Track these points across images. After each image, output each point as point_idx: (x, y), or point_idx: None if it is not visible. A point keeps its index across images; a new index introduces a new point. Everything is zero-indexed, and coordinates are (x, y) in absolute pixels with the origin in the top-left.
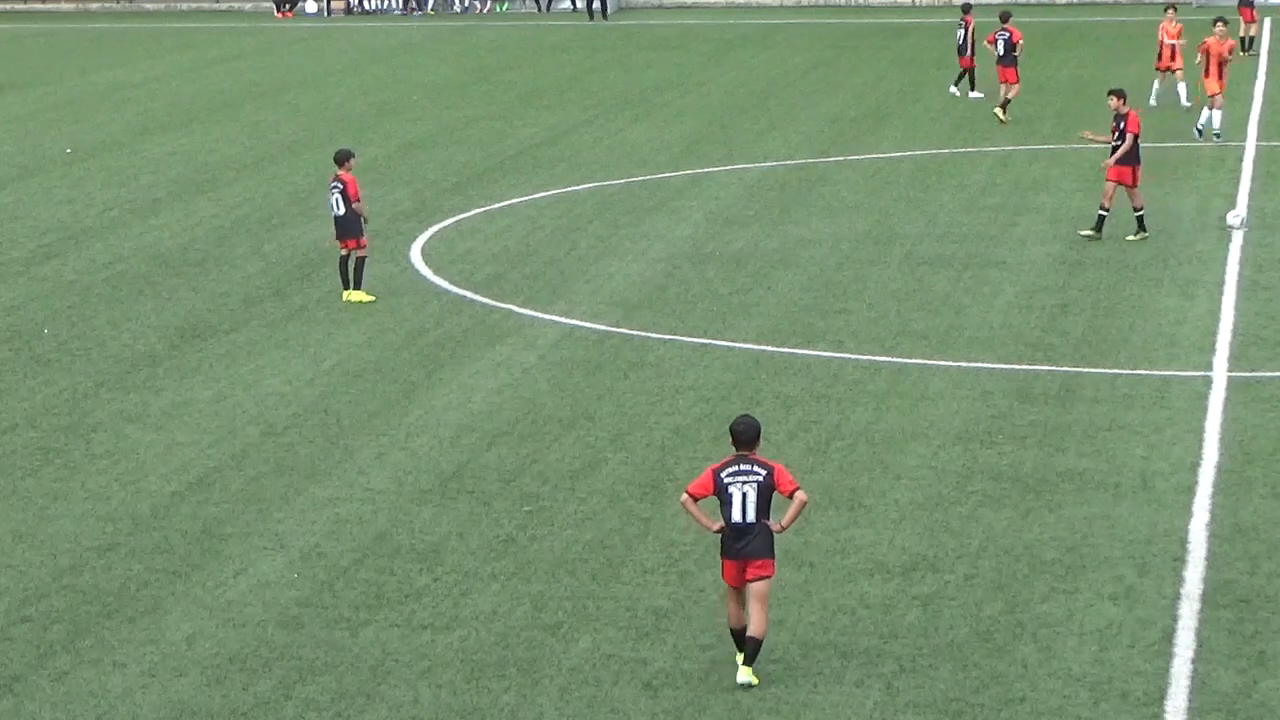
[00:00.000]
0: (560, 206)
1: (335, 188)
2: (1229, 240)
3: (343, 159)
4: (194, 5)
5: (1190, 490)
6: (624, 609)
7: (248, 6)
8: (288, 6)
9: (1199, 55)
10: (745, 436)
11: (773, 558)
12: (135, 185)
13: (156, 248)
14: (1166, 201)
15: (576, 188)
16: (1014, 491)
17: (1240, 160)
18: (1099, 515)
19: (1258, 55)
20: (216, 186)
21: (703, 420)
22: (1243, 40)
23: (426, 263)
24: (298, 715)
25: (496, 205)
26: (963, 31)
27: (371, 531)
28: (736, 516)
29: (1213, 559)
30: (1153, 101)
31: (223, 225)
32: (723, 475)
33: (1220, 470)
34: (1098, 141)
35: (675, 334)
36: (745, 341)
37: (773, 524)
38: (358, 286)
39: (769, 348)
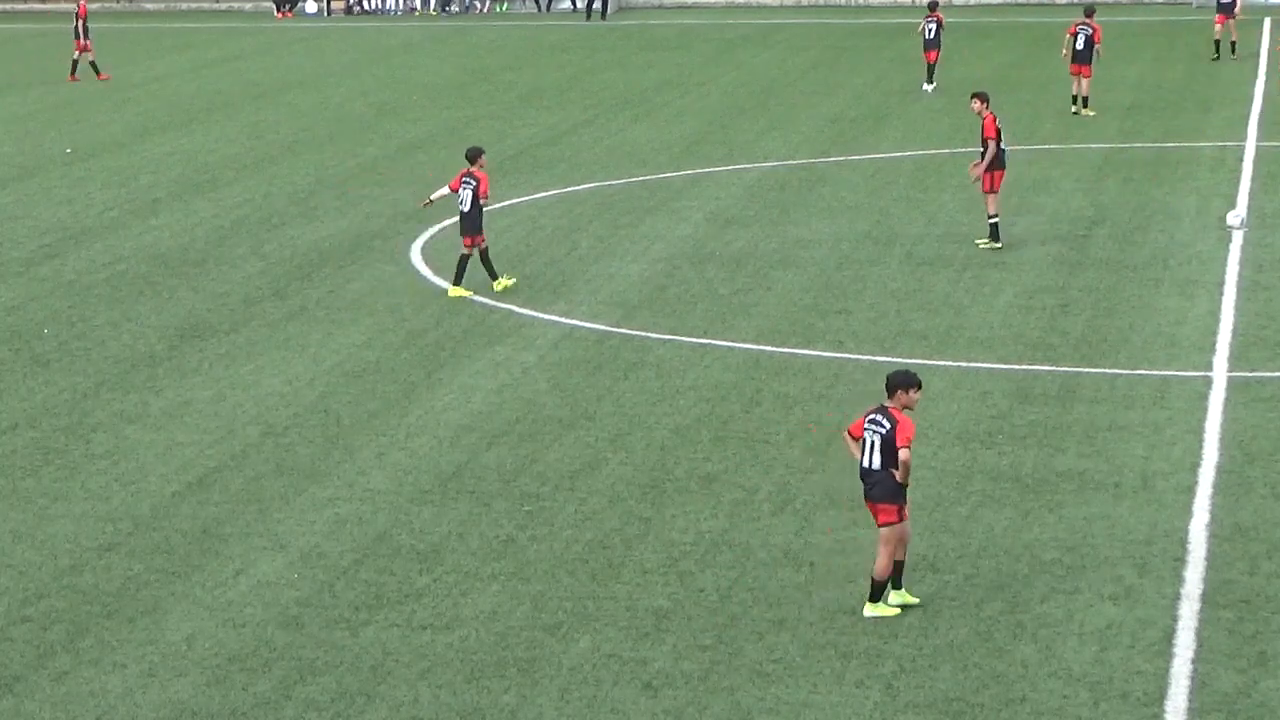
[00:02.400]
0: (560, 206)
1: (468, 183)
2: (1229, 240)
3: (475, 156)
4: (194, 5)
5: (1190, 490)
6: (624, 609)
7: (248, 6)
8: (288, 6)
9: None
10: (888, 384)
11: (896, 504)
12: (135, 185)
13: (156, 248)
14: (1166, 201)
15: (576, 188)
16: (1014, 491)
17: (1240, 160)
18: (1099, 515)
19: (1241, 59)
20: (216, 186)
21: (703, 420)
22: (1216, 44)
23: (426, 263)
24: (298, 715)
25: (497, 205)
26: (934, 26)
27: (371, 531)
28: (865, 462)
29: (1213, 559)
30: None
31: (223, 225)
32: (865, 421)
33: (1220, 470)
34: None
35: (675, 334)
36: (745, 341)
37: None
38: (458, 283)
39: (769, 348)
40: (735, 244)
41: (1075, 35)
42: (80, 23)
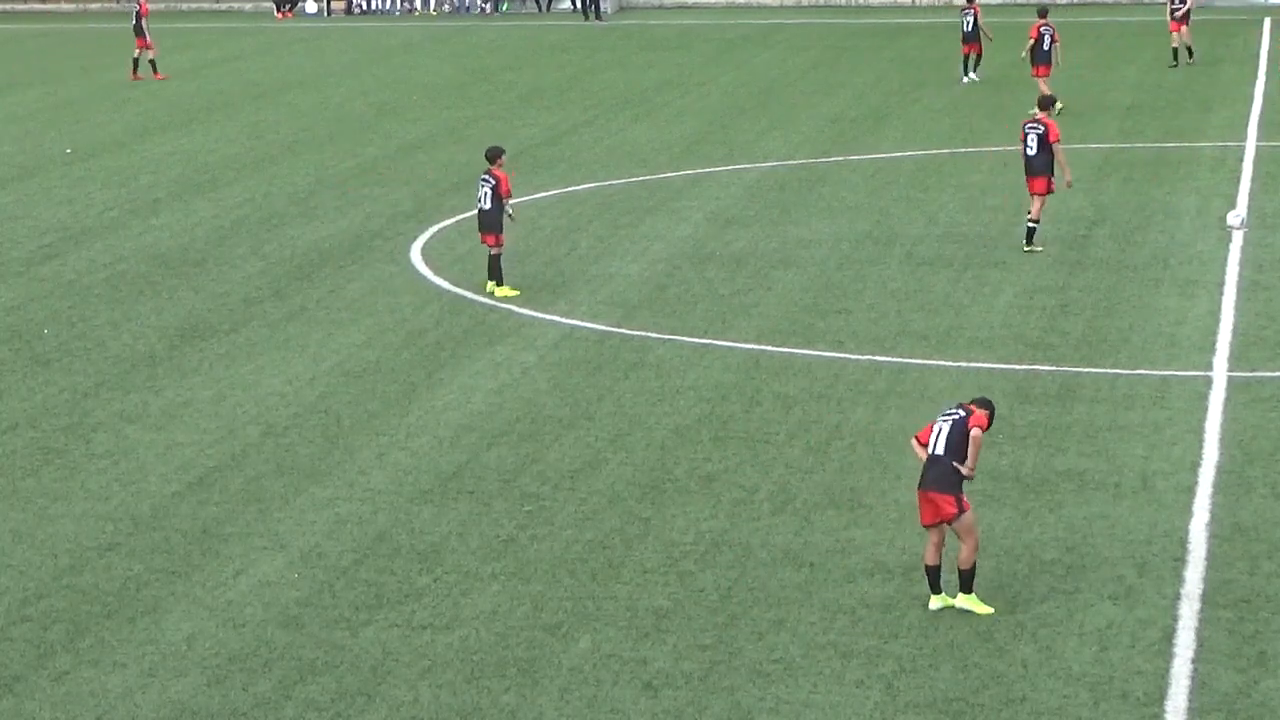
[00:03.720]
0: (560, 206)
1: (487, 182)
2: (1229, 240)
3: (494, 156)
4: (194, 5)
5: (1190, 490)
6: (624, 609)
7: (248, 6)
8: (288, 6)
9: None
10: (979, 400)
11: (952, 494)
12: (135, 185)
13: (156, 248)
14: (1167, 201)
15: (576, 188)
16: (1014, 491)
17: (1240, 160)
18: (1099, 515)
19: (1197, 63)
20: (216, 186)
21: (703, 420)
22: (1174, 52)
23: (426, 263)
24: (298, 715)
25: None
26: (971, 18)
27: (371, 531)
28: (932, 449)
29: (1213, 559)
30: None
31: (223, 225)
32: (939, 417)
33: (1220, 470)
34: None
35: (675, 334)
36: (745, 341)
37: (963, 469)
38: (501, 282)
39: (769, 348)
40: (735, 244)
41: (1040, 37)
42: (141, 20)
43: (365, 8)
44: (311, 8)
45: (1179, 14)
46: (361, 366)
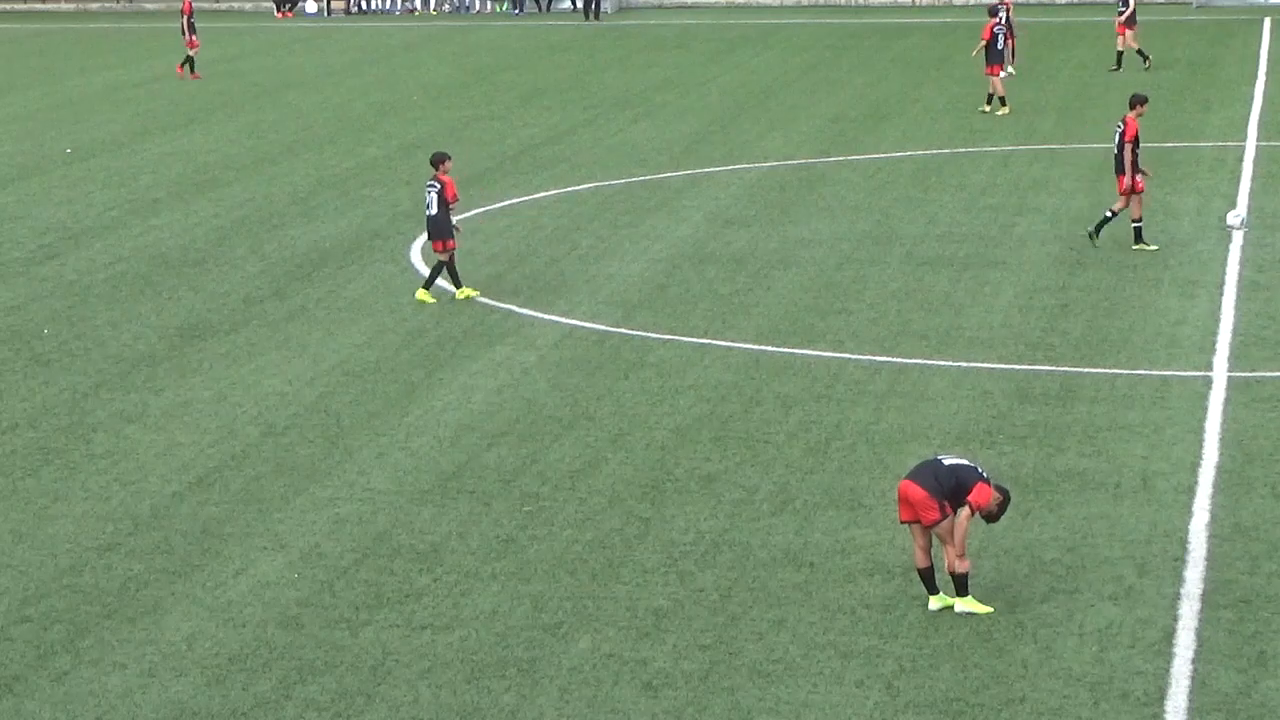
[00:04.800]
0: (560, 206)
1: (433, 187)
2: (1229, 240)
3: (439, 160)
4: (194, 5)
5: (1190, 490)
6: (624, 609)
7: (248, 6)
8: (288, 6)
9: None
10: (1000, 495)
11: (937, 500)
12: (135, 185)
13: (156, 248)
14: (1167, 201)
15: (576, 188)
16: (1014, 491)
17: (1240, 160)
18: (1099, 515)
19: (1151, 68)
20: (216, 186)
21: (703, 420)
22: (1118, 55)
23: (426, 263)
24: (298, 715)
25: (496, 205)
26: (1004, 13)
27: (371, 531)
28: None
29: (1213, 559)
30: None
31: (223, 225)
32: None
33: (1220, 470)
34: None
35: (675, 334)
36: (745, 341)
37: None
38: (428, 287)
39: (769, 348)
40: (735, 244)
41: (994, 37)
42: (187, 19)
43: (365, 7)
44: (311, 8)
45: (1124, 17)
46: (361, 366)
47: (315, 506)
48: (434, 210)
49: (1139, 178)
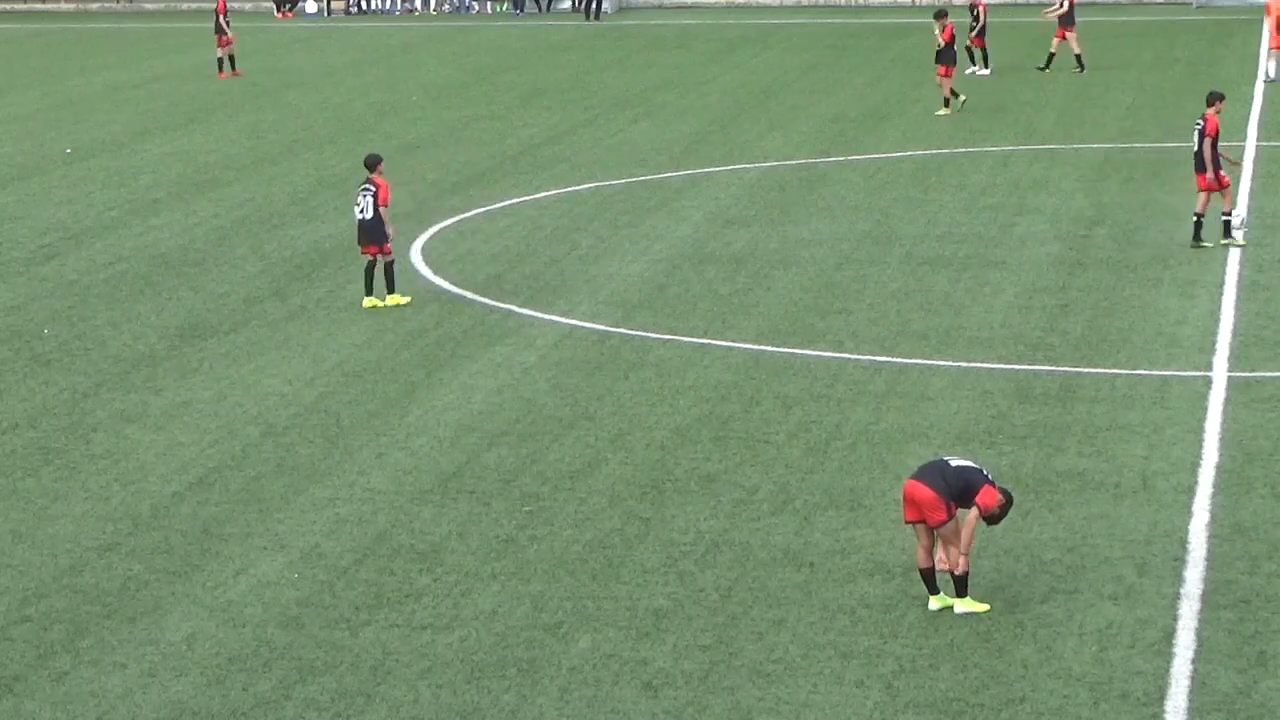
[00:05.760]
0: (560, 206)
1: (367, 190)
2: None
3: (373, 163)
4: (194, 5)
5: (1190, 490)
6: (624, 609)
7: (248, 6)
8: (288, 6)
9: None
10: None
11: (944, 501)
12: (135, 185)
13: (156, 248)
14: (1167, 201)
15: (576, 188)
16: (1014, 491)
17: (1240, 160)
18: (1099, 515)
19: (1080, 71)
20: (216, 186)
21: (703, 420)
22: (1049, 57)
23: (426, 263)
24: (298, 715)
25: (496, 205)
26: (978, 10)
27: (371, 531)
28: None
29: (1213, 559)
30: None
31: (223, 225)
32: None
33: (1220, 470)
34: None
35: (675, 334)
36: (745, 341)
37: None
38: (392, 290)
39: (769, 348)
40: (735, 244)
41: (953, 37)
42: (221, 18)
43: (365, 8)
44: (311, 8)
45: (1053, 14)
46: (361, 366)
47: (315, 506)
48: (368, 214)
49: (1223, 172)
